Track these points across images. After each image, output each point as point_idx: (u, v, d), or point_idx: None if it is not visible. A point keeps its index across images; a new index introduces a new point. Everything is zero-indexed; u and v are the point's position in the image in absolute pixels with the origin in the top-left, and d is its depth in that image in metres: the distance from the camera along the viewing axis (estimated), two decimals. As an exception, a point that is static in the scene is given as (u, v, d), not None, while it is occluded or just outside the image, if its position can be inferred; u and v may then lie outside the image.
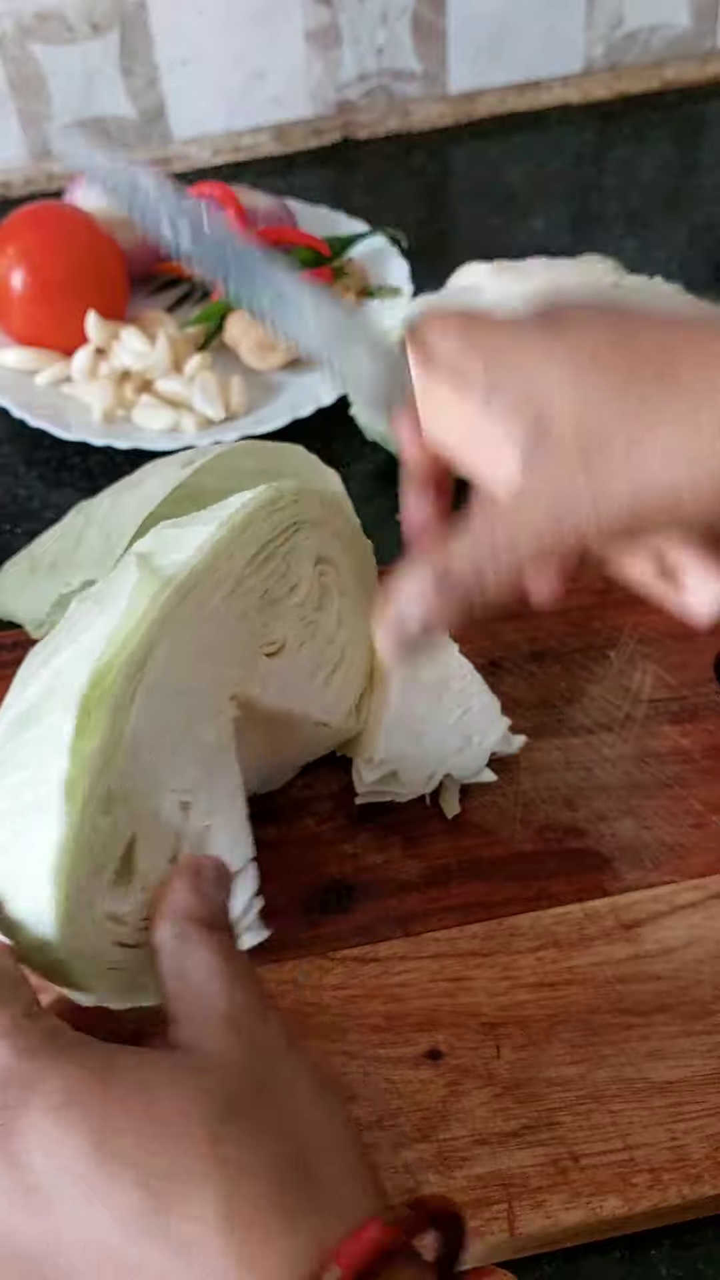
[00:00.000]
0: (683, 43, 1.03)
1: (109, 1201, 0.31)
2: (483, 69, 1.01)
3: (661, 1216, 0.45)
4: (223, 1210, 0.30)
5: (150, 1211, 0.31)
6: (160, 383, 0.78)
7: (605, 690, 0.60)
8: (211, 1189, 0.31)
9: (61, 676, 0.44)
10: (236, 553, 0.48)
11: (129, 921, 0.44)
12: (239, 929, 0.47)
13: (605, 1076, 0.48)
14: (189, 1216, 0.31)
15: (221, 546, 0.47)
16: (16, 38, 0.92)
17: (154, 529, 0.50)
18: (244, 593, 0.48)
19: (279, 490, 0.50)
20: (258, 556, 0.49)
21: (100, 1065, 0.33)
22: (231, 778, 0.48)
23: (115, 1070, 0.33)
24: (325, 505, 0.53)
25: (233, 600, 0.48)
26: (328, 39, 0.97)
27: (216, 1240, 0.30)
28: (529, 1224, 0.45)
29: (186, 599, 0.45)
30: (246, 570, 0.48)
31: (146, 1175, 0.31)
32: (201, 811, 0.46)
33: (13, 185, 0.99)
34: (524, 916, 0.53)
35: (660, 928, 0.52)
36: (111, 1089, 0.33)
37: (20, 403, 0.78)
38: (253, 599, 0.49)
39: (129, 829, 0.43)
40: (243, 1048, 0.35)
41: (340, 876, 0.55)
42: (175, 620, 0.45)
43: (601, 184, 0.97)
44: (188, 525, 0.49)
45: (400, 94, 1.01)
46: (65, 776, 0.41)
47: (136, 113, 0.98)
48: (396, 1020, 0.50)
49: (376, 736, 0.55)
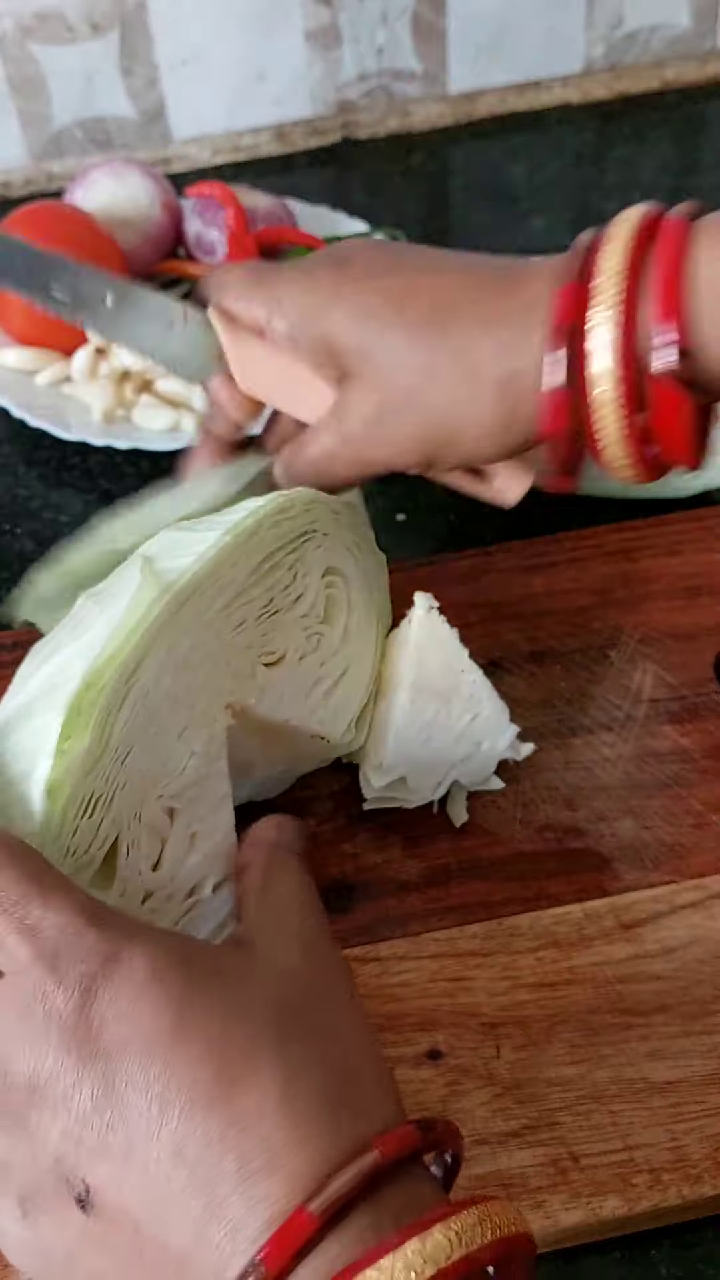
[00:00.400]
0: (683, 43, 1.03)
1: (175, 1071, 0.33)
2: (483, 69, 1.01)
3: (661, 1216, 0.45)
4: (284, 1093, 0.33)
5: (215, 1082, 0.33)
6: (160, 383, 0.78)
7: (605, 690, 0.60)
8: (277, 1073, 0.33)
9: (59, 674, 0.44)
10: (240, 560, 0.47)
11: None
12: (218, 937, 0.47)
13: (605, 1076, 0.48)
14: (252, 1093, 0.33)
15: (225, 554, 0.46)
16: (16, 38, 0.92)
17: (162, 532, 0.49)
18: (245, 602, 0.48)
19: (290, 499, 0.49)
20: (262, 565, 0.48)
21: (181, 949, 0.36)
22: (221, 786, 0.48)
23: (195, 955, 0.36)
24: (338, 516, 0.51)
25: (233, 609, 0.47)
26: (328, 39, 0.97)
27: (273, 1118, 0.33)
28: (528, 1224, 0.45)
29: (185, 606, 0.45)
30: (250, 579, 0.48)
31: (219, 1052, 0.33)
32: (188, 818, 0.46)
33: (13, 185, 0.99)
34: (524, 916, 0.53)
35: (660, 928, 0.52)
36: (193, 970, 0.35)
37: (20, 403, 0.78)
38: (254, 608, 0.48)
39: (112, 832, 0.43)
40: (307, 963, 0.38)
41: (340, 876, 0.55)
42: (172, 627, 0.44)
43: (601, 184, 0.97)
44: (195, 529, 0.48)
45: (400, 94, 1.01)
46: (48, 777, 0.41)
47: (136, 113, 0.98)
48: (396, 1020, 0.50)
49: (385, 742, 0.55)
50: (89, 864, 0.43)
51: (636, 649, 0.62)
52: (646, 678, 0.61)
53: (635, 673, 0.61)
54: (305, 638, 0.51)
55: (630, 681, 0.60)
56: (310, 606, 0.51)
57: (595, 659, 0.61)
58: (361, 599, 0.54)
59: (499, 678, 0.60)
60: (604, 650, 0.62)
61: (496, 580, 0.65)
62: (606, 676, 0.61)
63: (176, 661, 0.45)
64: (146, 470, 0.77)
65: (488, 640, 0.62)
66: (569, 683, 0.61)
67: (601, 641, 0.62)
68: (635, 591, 0.64)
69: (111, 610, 0.45)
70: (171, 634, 0.44)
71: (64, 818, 0.41)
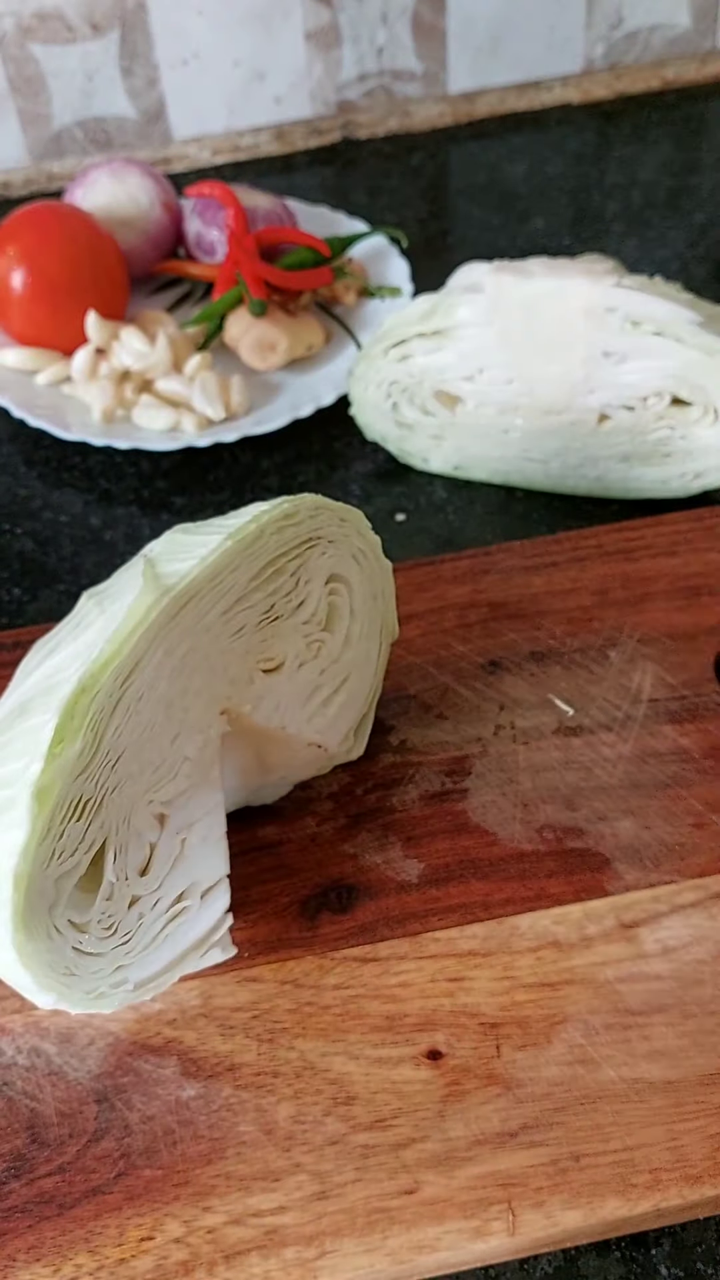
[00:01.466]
0: (683, 43, 1.03)
1: None
2: (483, 69, 1.01)
3: (661, 1216, 0.45)
4: None
5: None
6: (160, 383, 0.78)
7: (605, 690, 0.60)
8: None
9: (56, 674, 0.44)
10: (242, 566, 0.47)
11: (90, 930, 0.44)
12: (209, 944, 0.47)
13: (605, 1076, 0.48)
14: None
15: (225, 559, 0.46)
16: (16, 38, 0.92)
17: (168, 532, 0.49)
18: (246, 607, 0.47)
19: (296, 505, 0.49)
20: (265, 571, 0.48)
21: None
22: (213, 793, 0.48)
23: None
24: (344, 523, 0.51)
25: (233, 614, 0.47)
26: (328, 39, 0.97)
27: None
28: (529, 1224, 0.45)
29: (183, 610, 0.45)
30: (251, 584, 0.47)
31: None
32: (178, 824, 0.46)
33: (13, 185, 0.99)
34: (524, 916, 0.53)
35: (660, 928, 0.52)
36: None
37: (20, 403, 0.78)
38: (255, 614, 0.48)
39: (100, 836, 0.43)
40: None
41: (340, 876, 0.55)
42: (169, 632, 0.44)
43: (601, 184, 0.97)
44: (199, 532, 0.48)
45: (400, 94, 1.01)
46: (37, 780, 0.41)
47: (136, 113, 0.98)
48: (396, 1020, 0.50)
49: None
50: (75, 868, 0.43)
51: (636, 649, 0.62)
52: (646, 678, 0.61)
53: (635, 673, 0.61)
54: (305, 645, 0.51)
55: (630, 681, 0.60)
56: (312, 613, 0.51)
57: (595, 659, 0.61)
58: (365, 607, 0.53)
59: (498, 677, 0.60)
60: (604, 650, 0.62)
61: (496, 580, 0.65)
62: (606, 676, 0.61)
63: (173, 666, 0.45)
64: (146, 470, 0.77)
65: (488, 640, 0.62)
66: (569, 683, 0.61)
67: (601, 641, 0.62)
68: (635, 591, 0.64)
69: (112, 611, 0.45)
70: (169, 638, 0.44)
71: (52, 820, 0.41)
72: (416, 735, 0.59)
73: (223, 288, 0.82)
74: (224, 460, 0.77)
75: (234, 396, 0.77)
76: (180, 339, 0.79)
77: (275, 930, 0.53)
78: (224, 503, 0.75)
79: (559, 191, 0.97)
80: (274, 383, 0.80)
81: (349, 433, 0.77)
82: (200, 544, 0.46)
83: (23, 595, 0.71)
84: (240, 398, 0.77)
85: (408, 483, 0.74)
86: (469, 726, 0.59)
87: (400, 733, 0.59)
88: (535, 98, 1.03)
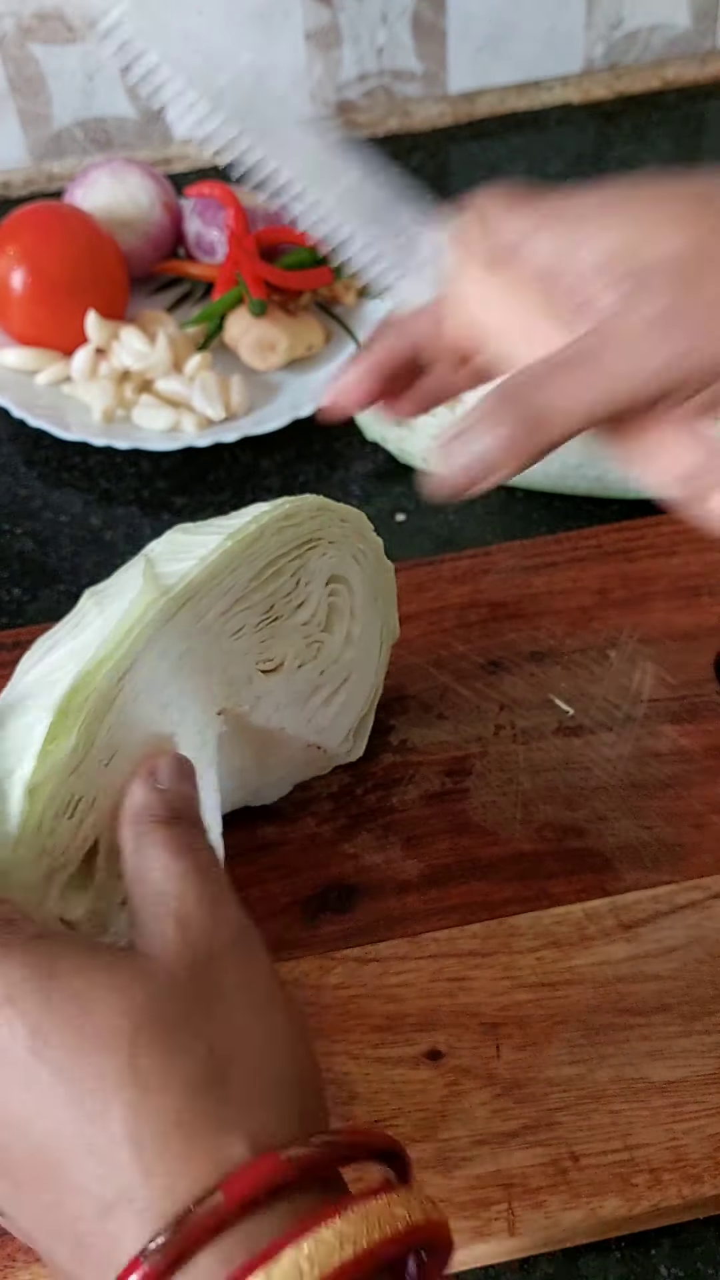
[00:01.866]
0: (683, 43, 1.03)
1: (41, 1098, 0.32)
2: (483, 69, 1.01)
3: (661, 1216, 0.45)
4: (129, 1122, 0.31)
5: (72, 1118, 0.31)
6: (160, 383, 0.78)
7: (605, 690, 0.60)
8: (122, 1100, 0.31)
9: (53, 672, 0.43)
10: (241, 566, 0.46)
11: (81, 928, 0.44)
12: None
13: (605, 1076, 0.48)
14: (102, 1125, 0.31)
15: (225, 559, 0.46)
16: (16, 38, 0.92)
17: (168, 532, 0.49)
18: (245, 608, 0.47)
19: (297, 505, 0.48)
20: (264, 572, 0.48)
21: (48, 965, 0.34)
22: (209, 794, 0.47)
23: (57, 975, 0.34)
24: (345, 524, 0.51)
25: (232, 615, 0.47)
26: (328, 39, 0.97)
27: (121, 1152, 0.31)
28: (529, 1224, 0.45)
29: (181, 611, 0.45)
30: (251, 585, 0.47)
31: (71, 1082, 0.32)
32: None
33: (13, 185, 0.99)
34: (524, 916, 0.53)
35: (660, 928, 0.52)
36: (52, 990, 0.33)
37: (20, 403, 0.78)
38: (254, 614, 0.48)
39: (92, 834, 0.43)
40: (188, 949, 0.35)
41: (340, 876, 0.55)
42: (167, 631, 0.44)
43: (601, 184, 0.97)
44: (199, 532, 0.48)
45: (400, 94, 1.01)
46: (30, 777, 0.41)
47: (136, 113, 0.98)
48: (396, 1020, 0.50)
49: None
50: (66, 865, 0.42)
51: (636, 649, 0.62)
52: (646, 678, 0.61)
53: (635, 673, 0.61)
54: (305, 645, 0.51)
55: (630, 681, 0.60)
56: (312, 614, 0.50)
57: (595, 659, 0.61)
58: (365, 608, 0.53)
59: (499, 677, 0.60)
60: (604, 650, 0.62)
61: (496, 580, 0.65)
62: (606, 676, 0.61)
63: (170, 666, 0.45)
64: (146, 470, 0.77)
65: (488, 640, 0.62)
66: (569, 683, 0.61)
67: (601, 641, 0.62)
68: (635, 591, 0.64)
69: (110, 610, 0.45)
70: (166, 639, 0.44)
71: (43, 818, 0.41)
72: (416, 735, 0.59)
73: (223, 288, 0.82)
74: (224, 460, 0.77)
75: (234, 396, 0.77)
76: (180, 339, 0.79)
77: (275, 930, 0.52)
78: (224, 503, 0.75)
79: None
80: (274, 383, 0.80)
81: (349, 433, 0.77)
82: (200, 544, 0.46)
83: (23, 595, 0.71)
84: (240, 398, 0.77)
85: (408, 483, 0.74)
86: (469, 726, 0.59)
87: (400, 733, 0.59)
88: (535, 98, 1.03)
